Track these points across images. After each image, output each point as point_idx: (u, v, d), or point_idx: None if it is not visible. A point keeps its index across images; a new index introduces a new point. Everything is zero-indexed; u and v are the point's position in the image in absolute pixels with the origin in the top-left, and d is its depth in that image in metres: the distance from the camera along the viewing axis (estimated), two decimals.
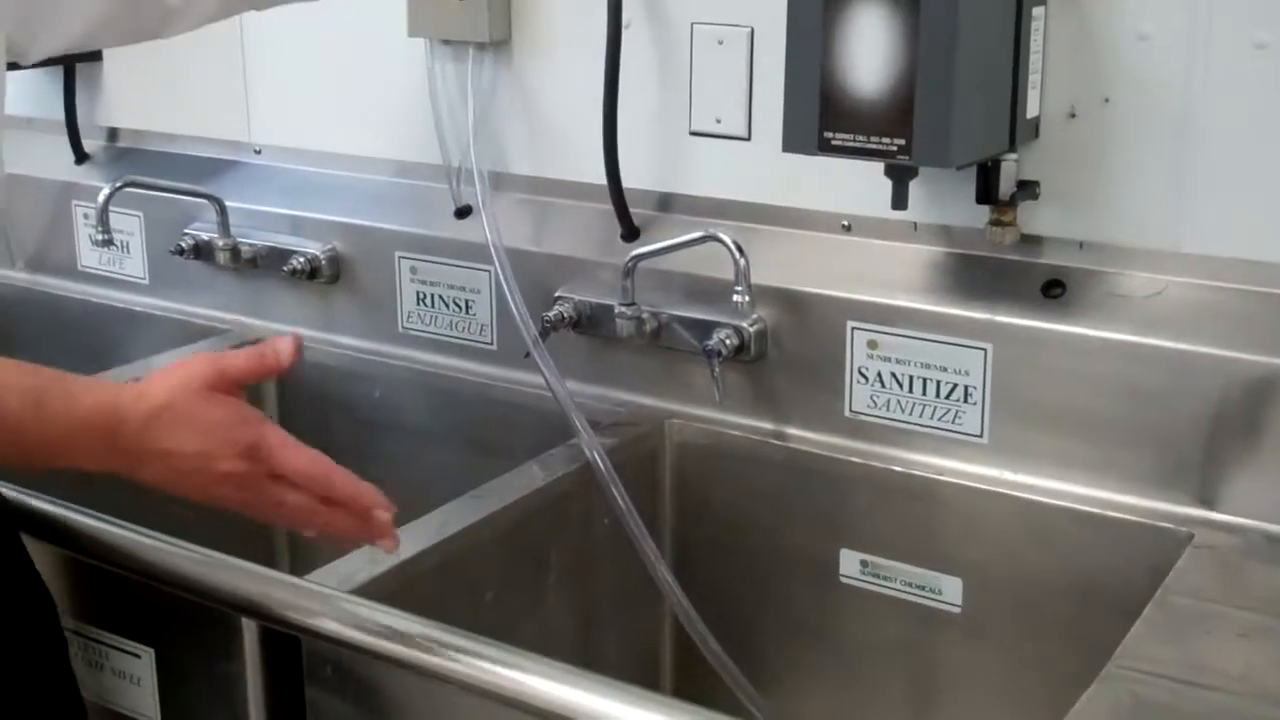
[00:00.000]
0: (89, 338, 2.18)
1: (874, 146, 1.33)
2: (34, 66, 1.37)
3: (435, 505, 1.48)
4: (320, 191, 1.98)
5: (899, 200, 1.40)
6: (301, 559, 2.00)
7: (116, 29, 1.37)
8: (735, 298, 1.54)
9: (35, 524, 1.31)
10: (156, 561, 1.27)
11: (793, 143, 1.37)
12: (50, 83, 2.18)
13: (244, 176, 2.07)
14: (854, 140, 1.34)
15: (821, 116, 1.34)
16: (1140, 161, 1.43)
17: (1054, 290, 1.48)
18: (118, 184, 1.93)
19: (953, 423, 1.52)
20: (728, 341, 1.60)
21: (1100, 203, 1.46)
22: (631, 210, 1.72)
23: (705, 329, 1.62)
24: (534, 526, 1.52)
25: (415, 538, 1.39)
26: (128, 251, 2.15)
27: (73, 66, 2.18)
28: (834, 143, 1.35)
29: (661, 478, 1.68)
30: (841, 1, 1.31)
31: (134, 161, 2.18)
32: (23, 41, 1.26)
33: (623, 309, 1.65)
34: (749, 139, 1.65)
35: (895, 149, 1.32)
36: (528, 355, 1.67)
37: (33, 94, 2.21)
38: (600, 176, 1.71)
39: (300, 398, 1.99)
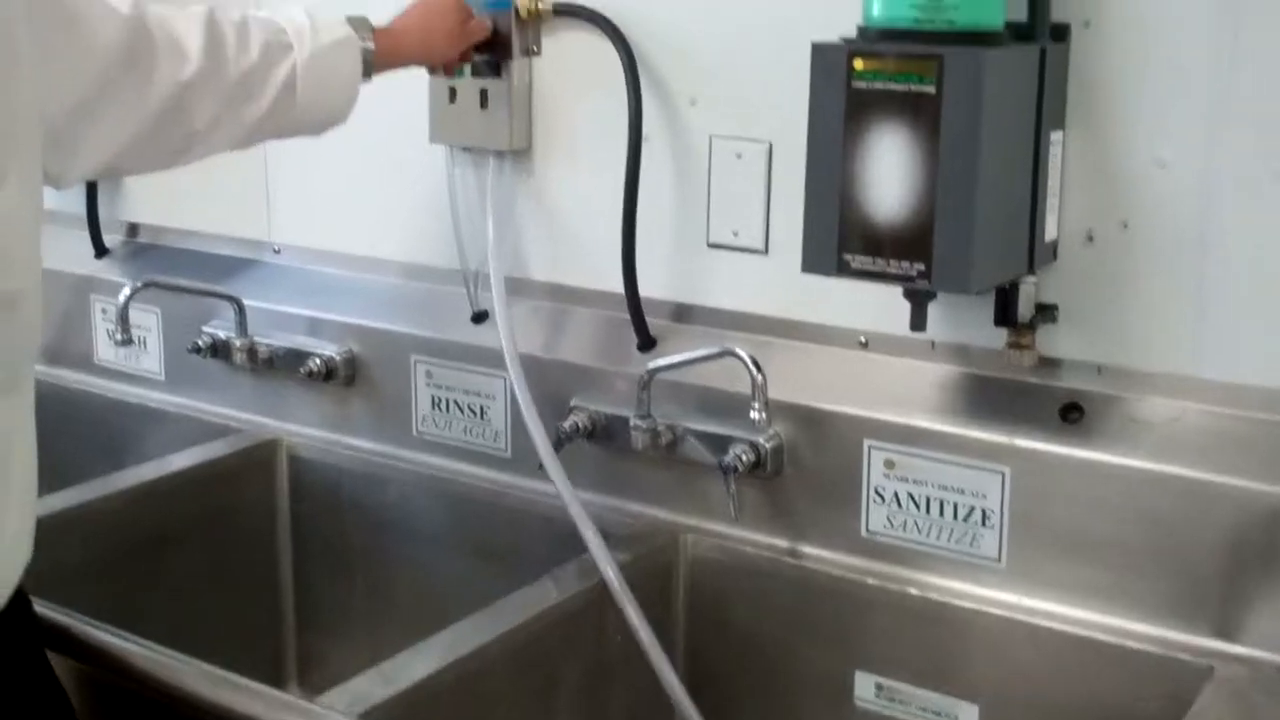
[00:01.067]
0: (104, 432, 2.17)
1: (893, 271, 1.33)
2: None
3: (447, 611, 1.48)
4: (338, 293, 1.99)
5: (918, 322, 1.40)
6: (313, 664, 1.99)
7: (141, 155, 1.41)
8: (752, 414, 1.53)
9: (52, 637, 1.31)
10: (170, 680, 1.27)
11: (812, 264, 1.38)
12: None
13: (263, 276, 2.07)
14: (873, 264, 1.34)
15: (840, 239, 1.35)
16: (1159, 286, 1.43)
17: (1072, 414, 1.47)
18: (138, 285, 1.94)
19: (970, 546, 1.51)
20: (744, 457, 1.59)
21: (1119, 327, 1.46)
22: (648, 320, 1.72)
23: (721, 443, 1.61)
24: (546, 644, 1.51)
25: (427, 657, 1.39)
26: (145, 348, 2.15)
27: None
28: (853, 265, 1.35)
29: (675, 592, 1.67)
30: (862, 123, 1.32)
31: (153, 258, 2.19)
32: (56, 170, 1.30)
33: (638, 421, 1.65)
34: (766, 252, 1.65)
35: (915, 274, 1.32)
36: (540, 467, 1.66)
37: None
38: (618, 285, 1.71)
39: (314, 499, 1.98)
